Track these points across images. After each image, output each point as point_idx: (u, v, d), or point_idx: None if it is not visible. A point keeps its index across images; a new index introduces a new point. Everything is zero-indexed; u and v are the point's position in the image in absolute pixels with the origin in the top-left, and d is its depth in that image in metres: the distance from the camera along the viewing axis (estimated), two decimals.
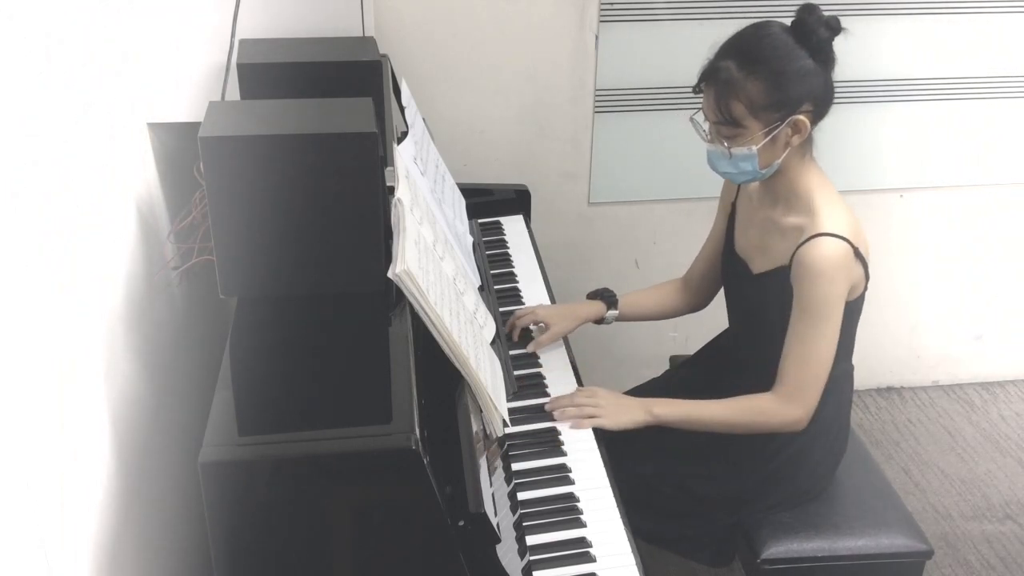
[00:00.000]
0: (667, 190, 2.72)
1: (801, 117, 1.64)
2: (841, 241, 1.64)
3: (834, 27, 1.64)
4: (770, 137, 1.64)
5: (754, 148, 1.65)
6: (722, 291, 2.00)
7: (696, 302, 2.10)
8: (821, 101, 1.66)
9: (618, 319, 2.05)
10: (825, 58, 1.65)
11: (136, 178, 1.56)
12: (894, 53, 2.63)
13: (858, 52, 2.59)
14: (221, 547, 1.15)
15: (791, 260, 1.68)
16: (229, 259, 1.35)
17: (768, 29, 1.65)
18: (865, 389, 3.12)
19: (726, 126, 1.66)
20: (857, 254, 1.67)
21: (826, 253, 1.63)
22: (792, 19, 1.65)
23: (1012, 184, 2.88)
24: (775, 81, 1.61)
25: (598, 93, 2.57)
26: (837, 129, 2.66)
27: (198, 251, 1.50)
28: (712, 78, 1.66)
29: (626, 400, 1.76)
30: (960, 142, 2.78)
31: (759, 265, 1.81)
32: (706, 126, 1.72)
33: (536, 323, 1.94)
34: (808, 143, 1.71)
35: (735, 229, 1.90)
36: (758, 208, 1.82)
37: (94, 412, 1.27)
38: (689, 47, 2.55)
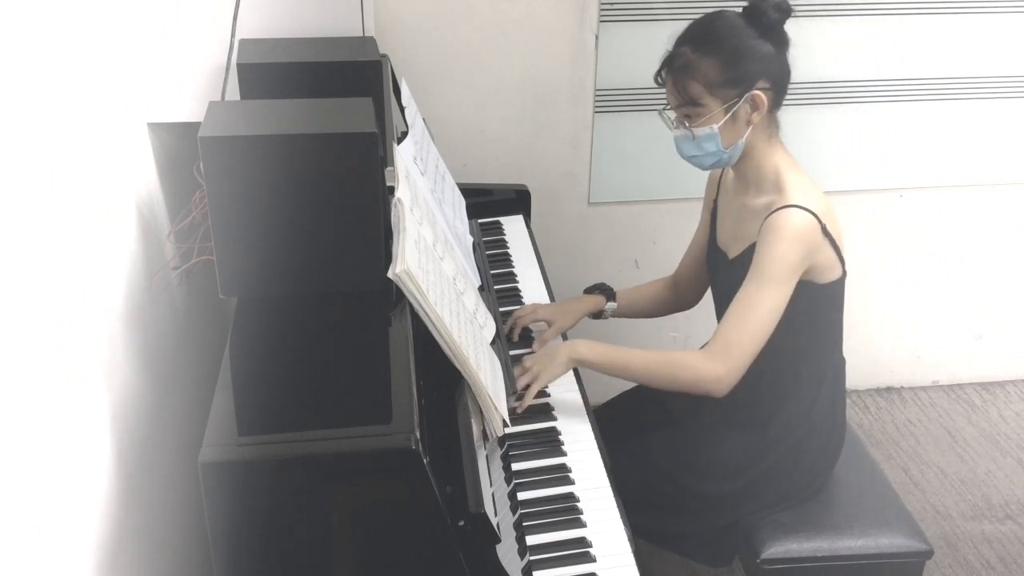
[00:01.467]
0: (667, 190, 2.72)
1: (758, 93, 1.68)
2: (807, 213, 1.66)
3: (784, 9, 1.68)
4: (730, 114, 1.68)
5: (715, 127, 1.69)
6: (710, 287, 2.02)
7: (685, 300, 2.13)
8: (777, 80, 1.71)
9: (614, 314, 2.06)
10: (777, 39, 1.69)
11: (136, 178, 1.56)
12: (895, 53, 2.62)
13: (858, 52, 2.59)
14: (221, 547, 1.15)
15: (759, 234, 1.70)
16: (229, 259, 1.35)
17: (721, 14, 1.71)
18: (865, 389, 3.12)
19: (686, 107, 1.71)
20: (825, 232, 1.68)
21: (790, 220, 1.66)
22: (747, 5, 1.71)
23: (1012, 184, 2.88)
24: (727, 58, 1.66)
25: (598, 93, 2.57)
26: (838, 129, 2.67)
27: (198, 251, 1.50)
28: (669, 65, 1.72)
29: (551, 351, 1.76)
30: (960, 142, 2.78)
31: (734, 250, 1.83)
32: (672, 116, 1.77)
33: (537, 321, 1.95)
34: (772, 125, 1.75)
35: (717, 223, 1.92)
36: (734, 198, 1.85)
37: (95, 412, 1.27)
38: None
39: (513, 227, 2.35)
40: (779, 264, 1.66)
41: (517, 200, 2.40)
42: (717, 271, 1.92)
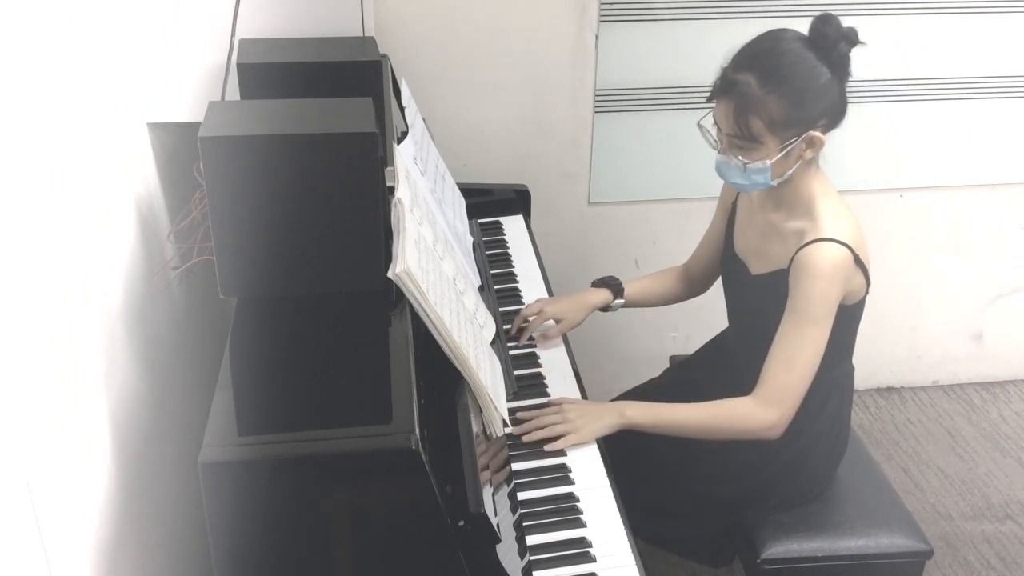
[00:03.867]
0: (667, 190, 2.71)
1: (817, 133, 1.63)
2: (842, 247, 1.63)
3: (852, 40, 1.62)
4: (784, 152, 1.63)
5: (768, 163, 1.64)
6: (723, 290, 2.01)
7: (696, 289, 2.11)
8: (836, 114, 1.66)
9: (623, 306, 2.05)
10: (843, 73, 1.64)
11: (136, 178, 1.56)
12: (894, 53, 2.62)
13: (858, 52, 2.58)
14: (221, 547, 1.15)
15: (790, 263, 1.67)
16: (229, 259, 1.35)
17: (788, 44, 1.62)
18: (865, 389, 3.12)
19: (742, 139, 1.63)
20: (858, 261, 1.66)
21: (826, 256, 1.62)
22: (810, 30, 1.64)
23: (1012, 184, 2.88)
24: (796, 100, 1.60)
25: (598, 93, 2.57)
26: (838, 129, 2.67)
27: (198, 251, 1.50)
28: (731, 91, 1.62)
29: (595, 408, 1.69)
30: (960, 142, 2.78)
31: (757, 267, 1.81)
32: (713, 131, 1.70)
33: (545, 320, 1.95)
34: (817, 152, 1.71)
35: (734, 230, 1.90)
36: (758, 211, 1.82)
37: (94, 412, 1.27)
38: (689, 47, 2.55)
39: (513, 227, 2.35)
40: (818, 304, 1.62)
41: (517, 200, 2.40)
42: (736, 281, 1.90)
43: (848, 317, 1.74)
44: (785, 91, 1.59)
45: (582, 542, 1.44)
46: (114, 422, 1.34)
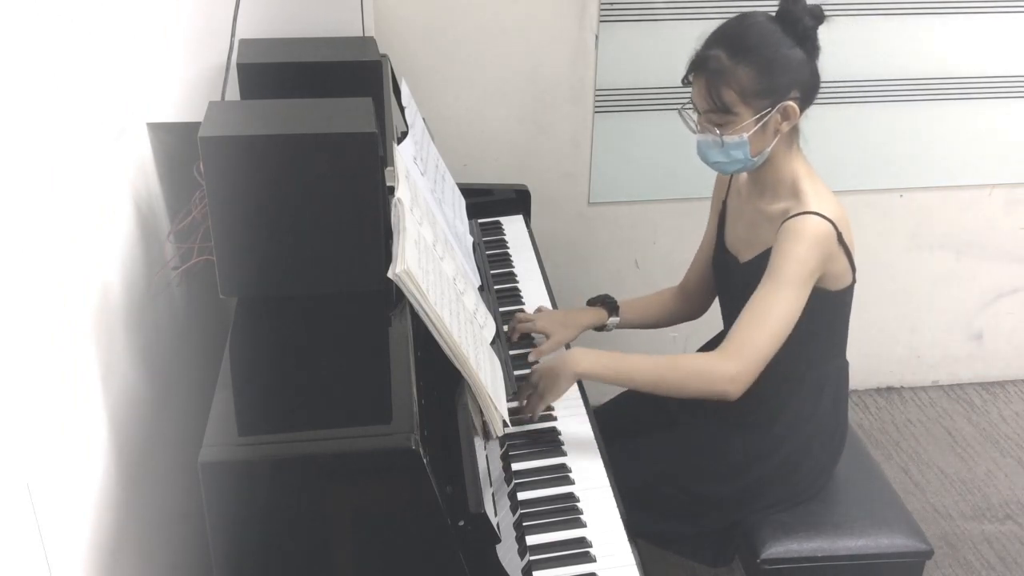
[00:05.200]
0: (667, 190, 2.72)
1: (790, 103, 1.66)
2: (825, 221, 1.65)
3: (818, 16, 1.66)
4: (760, 124, 1.66)
5: (745, 136, 1.67)
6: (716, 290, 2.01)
7: (693, 310, 2.09)
8: (808, 88, 1.69)
9: (618, 326, 2.04)
10: (811, 46, 1.68)
11: (136, 178, 1.56)
12: (894, 53, 2.62)
13: (858, 52, 2.59)
14: (221, 547, 1.15)
15: (775, 238, 1.69)
16: (229, 259, 1.35)
17: (755, 18, 1.68)
18: (865, 389, 3.12)
19: (717, 113, 1.67)
20: (840, 240, 1.68)
21: (809, 225, 1.64)
22: (776, 9, 1.68)
23: (1012, 184, 2.88)
24: (765, 68, 1.64)
25: (598, 93, 2.57)
26: (838, 129, 2.67)
27: (198, 251, 1.50)
28: (702, 67, 1.68)
29: (557, 367, 1.66)
30: (960, 142, 2.78)
31: (746, 255, 1.82)
32: (694, 117, 1.74)
33: (536, 332, 1.94)
34: (795, 133, 1.73)
35: (726, 226, 1.91)
36: (747, 201, 1.83)
37: (94, 412, 1.28)
38: (689, 47, 2.54)
39: (513, 227, 2.35)
40: (796, 267, 1.63)
41: (517, 200, 2.40)
42: (726, 274, 1.91)
43: (837, 304, 1.74)
44: (753, 59, 1.64)
45: (582, 542, 1.45)
46: (114, 422, 1.34)
